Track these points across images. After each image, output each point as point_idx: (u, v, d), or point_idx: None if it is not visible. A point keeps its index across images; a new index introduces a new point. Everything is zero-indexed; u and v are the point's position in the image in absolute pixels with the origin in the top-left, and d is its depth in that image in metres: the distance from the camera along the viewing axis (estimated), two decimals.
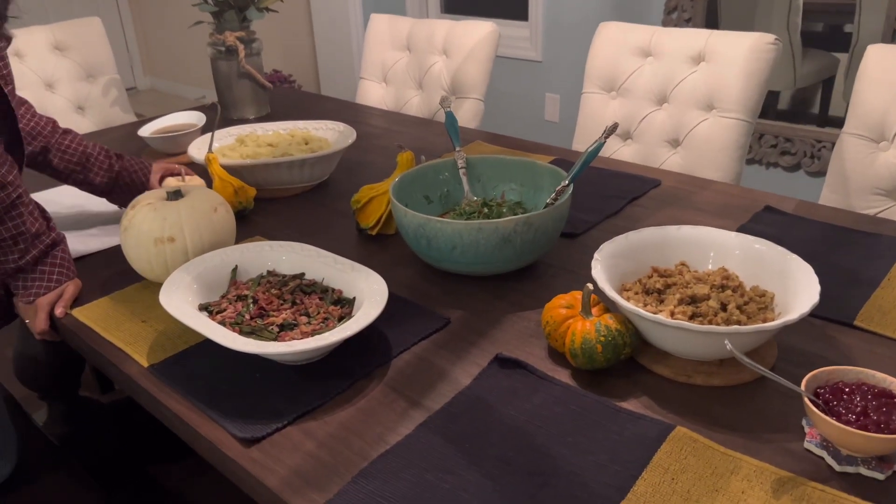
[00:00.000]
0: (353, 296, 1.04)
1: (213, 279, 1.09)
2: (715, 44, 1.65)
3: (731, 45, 1.63)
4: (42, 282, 1.15)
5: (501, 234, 1.07)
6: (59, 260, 1.17)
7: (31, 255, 1.14)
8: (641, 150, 1.78)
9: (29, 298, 1.15)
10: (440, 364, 0.97)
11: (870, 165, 1.46)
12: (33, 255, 1.14)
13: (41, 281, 1.15)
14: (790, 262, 0.96)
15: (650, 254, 1.05)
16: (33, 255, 1.14)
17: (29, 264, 1.14)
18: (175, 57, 5.33)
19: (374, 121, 2.05)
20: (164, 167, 1.48)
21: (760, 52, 1.59)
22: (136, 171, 1.43)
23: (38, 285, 1.15)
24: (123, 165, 1.41)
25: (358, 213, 1.32)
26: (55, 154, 1.35)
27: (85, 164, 1.37)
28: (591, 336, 0.89)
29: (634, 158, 1.80)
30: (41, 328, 1.14)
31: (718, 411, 0.86)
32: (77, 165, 1.37)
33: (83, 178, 1.38)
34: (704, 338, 0.85)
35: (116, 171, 1.40)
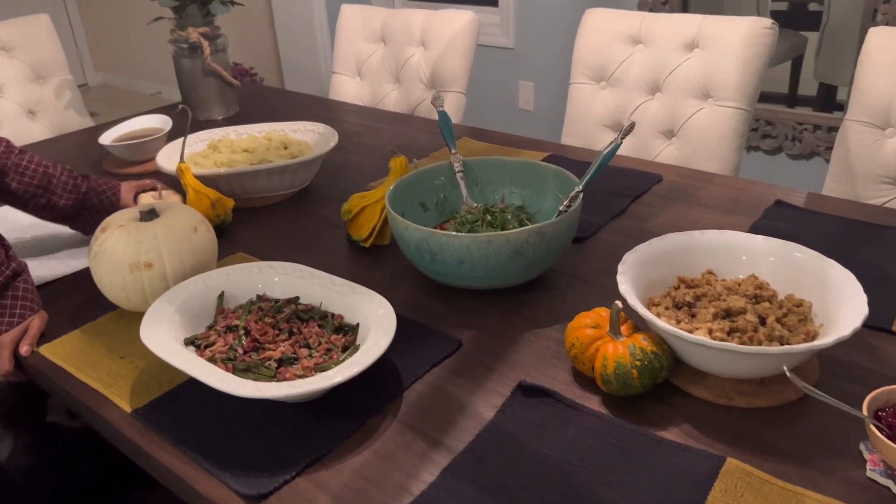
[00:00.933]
0: (357, 321, 0.95)
1: (197, 308, 0.99)
2: (709, 29, 1.58)
3: (726, 31, 1.56)
4: (3, 317, 1.03)
5: (513, 246, 0.99)
6: (22, 292, 1.06)
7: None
8: (634, 143, 1.71)
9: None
10: (457, 394, 0.89)
11: (876, 153, 1.41)
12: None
13: (2, 317, 1.03)
14: (828, 268, 0.90)
15: (674, 261, 0.97)
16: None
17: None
18: (128, 51, 5.10)
19: (350, 117, 1.95)
20: (136, 185, 1.36)
21: (757, 37, 1.53)
22: (105, 192, 1.30)
23: (0, 321, 1.03)
24: (91, 186, 1.29)
25: (349, 224, 1.23)
26: (13, 177, 1.21)
27: (47, 186, 1.24)
28: (626, 360, 0.82)
29: (627, 151, 1.73)
30: (5, 369, 1.03)
31: (768, 437, 0.79)
32: (38, 188, 1.23)
33: (46, 201, 1.24)
34: (752, 359, 0.79)
35: (83, 192, 1.27)
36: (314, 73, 3.83)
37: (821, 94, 2.88)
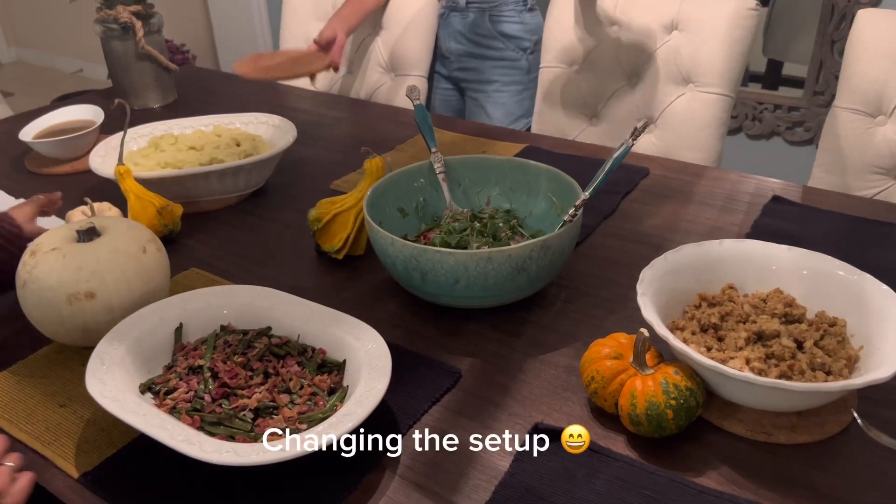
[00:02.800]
0: (343, 357, 0.83)
1: (152, 345, 0.85)
2: (689, 10, 1.49)
3: (709, 12, 1.47)
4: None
5: (515, 262, 0.88)
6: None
7: None
8: (610, 131, 1.62)
9: None
10: (464, 439, 0.77)
11: (867, 142, 1.35)
12: None
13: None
14: (861, 282, 0.82)
15: (692, 275, 0.88)
16: None
17: None
18: (45, 24, 4.72)
19: (303, 104, 1.79)
20: (33, 205, 1.06)
21: (741, 19, 1.45)
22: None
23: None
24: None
25: (319, 233, 1.09)
26: None
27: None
28: (659, 399, 0.72)
29: (602, 139, 1.63)
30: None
31: (815, 478, 0.71)
32: None
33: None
34: (804, 396, 0.70)
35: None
36: (252, 51, 3.60)
37: (770, 70, 2.85)
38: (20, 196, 1.34)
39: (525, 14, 1.78)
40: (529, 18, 1.79)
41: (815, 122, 2.44)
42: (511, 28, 1.77)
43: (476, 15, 1.78)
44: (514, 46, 1.79)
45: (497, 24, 1.77)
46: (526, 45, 1.79)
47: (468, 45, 1.81)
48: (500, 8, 1.76)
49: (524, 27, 1.78)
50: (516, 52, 1.79)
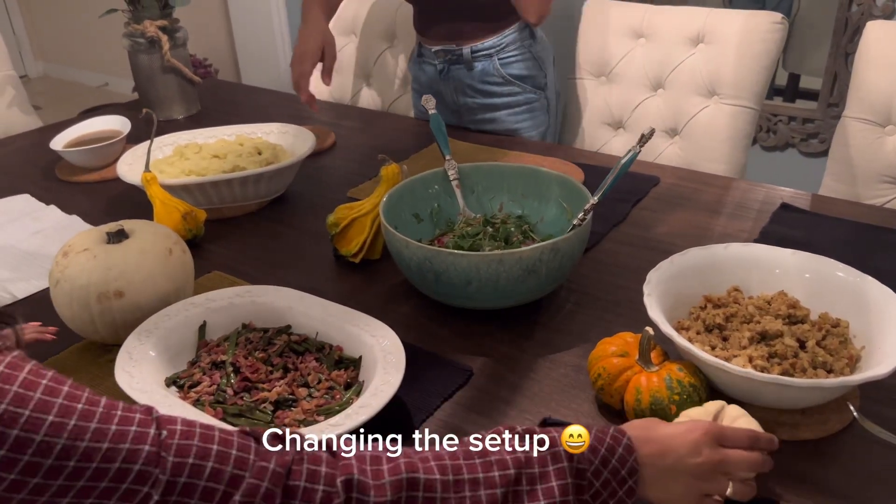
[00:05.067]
0: (359, 354, 0.86)
1: (177, 342, 0.88)
2: (715, 23, 1.52)
3: (733, 25, 1.49)
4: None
5: (525, 265, 0.91)
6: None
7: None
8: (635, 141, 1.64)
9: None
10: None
11: (876, 151, 1.37)
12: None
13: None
14: (863, 284, 0.85)
15: (697, 278, 0.91)
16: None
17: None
18: (71, 39, 4.84)
19: (322, 116, 1.83)
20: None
21: (766, 33, 1.47)
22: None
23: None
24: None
25: (337, 238, 1.13)
26: None
27: None
28: (663, 394, 0.75)
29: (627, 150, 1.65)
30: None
31: (818, 475, 0.73)
32: None
33: None
34: (804, 392, 0.72)
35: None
36: (272, 65, 3.68)
37: (790, 84, 2.87)
38: (50, 202, 1.39)
39: (535, 46, 1.58)
40: (539, 50, 1.59)
41: (829, 133, 2.44)
42: (524, 67, 1.57)
43: (483, 63, 1.56)
44: (530, 87, 1.59)
45: (508, 66, 1.56)
46: (542, 82, 1.60)
47: (480, 97, 1.60)
48: (508, 48, 1.55)
49: (536, 62, 1.58)
50: (535, 93, 1.60)
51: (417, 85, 1.72)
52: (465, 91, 1.62)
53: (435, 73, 1.62)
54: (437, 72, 1.62)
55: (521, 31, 1.56)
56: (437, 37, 1.58)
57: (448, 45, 1.57)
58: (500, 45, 1.55)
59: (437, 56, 1.60)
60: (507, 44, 1.55)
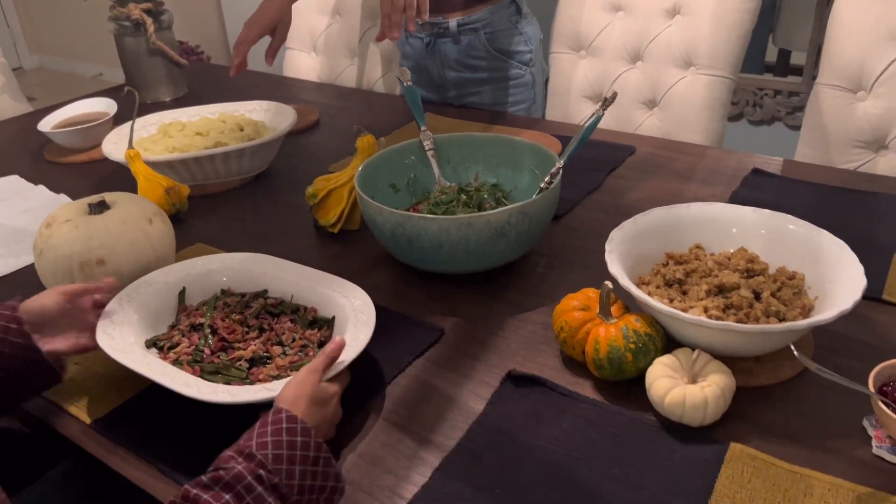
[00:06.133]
0: (332, 314, 0.89)
1: (157, 306, 0.92)
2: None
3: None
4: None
5: (494, 227, 0.94)
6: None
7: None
8: (615, 113, 1.66)
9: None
10: (443, 387, 0.84)
11: (848, 117, 1.39)
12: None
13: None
14: (819, 238, 0.87)
15: (661, 237, 0.94)
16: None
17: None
18: (64, 31, 4.86)
19: (307, 95, 1.86)
20: (57, 299, 0.84)
21: (740, 3, 1.48)
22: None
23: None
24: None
25: (315, 209, 1.16)
26: None
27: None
28: (619, 344, 0.78)
29: (608, 122, 1.67)
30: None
31: (769, 417, 0.76)
32: None
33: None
34: (753, 337, 0.75)
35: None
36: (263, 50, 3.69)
37: (780, 59, 2.88)
38: (39, 183, 1.42)
39: (522, 23, 1.59)
40: (527, 27, 1.60)
41: None
42: (510, 43, 1.58)
43: (469, 37, 1.57)
44: (516, 63, 1.60)
45: (494, 41, 1.57)
46: (528, 58, 1.61)
47: (466, 71, 1.62)
48: (494, 24, 1.56)
49: (523, 38, 1.59)
50: (520, 69, 1.61)
51: (404, 60, 1.74)
52: (450, 65, 1.63)
53: (421, 47, 1.64)
54: (423, 45, 1.64)
55: (508, 7, 1.57)
56: None
57: (435, 17, 1.58)
58: (486, 19, 1.56)
59: (423, 29, 1.61)
60: (492, 19, 1.56)
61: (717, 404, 0.73)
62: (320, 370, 0.74)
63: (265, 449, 0.64)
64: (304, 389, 0.71)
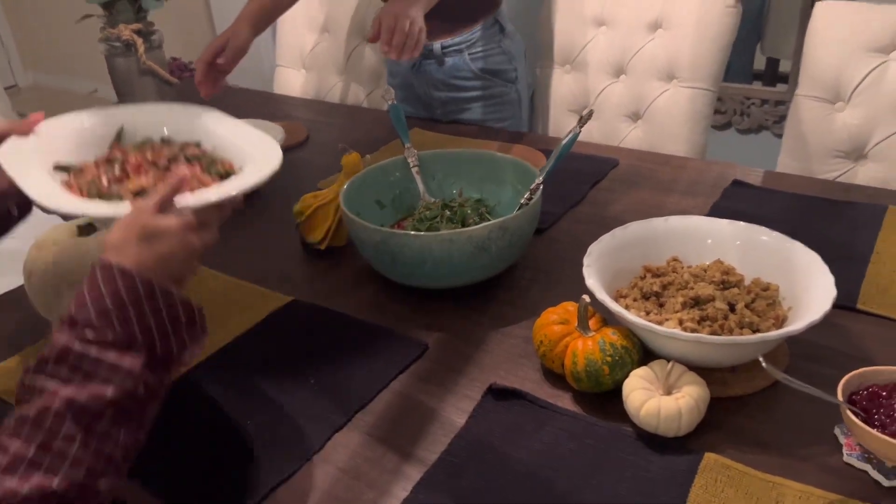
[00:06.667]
0: None
1: (94, 139, 0.87)
2: (671, 9, 1.56)
3: (689, 10, 1.53)
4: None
5: (475, 242, 0.96)
6: None
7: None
8: (600, 126, 1.69)
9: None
10: (426, 401, 0.85)
11: (828, 127, 1.41)
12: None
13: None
14: (792, 249, 0.89)
15: (639, 250, 0.96)
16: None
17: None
18: (59, 48, 4.89)
19: (297, 112, 1.88)
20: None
21: (720, 16, 1.51)
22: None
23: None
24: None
25: (302, 226, 1.18)
26: None
27: None
28: (596, 356, 0.80)
29: (593, 135, 1.70)
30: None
31: (743, 426, 0.78)
32: None
33: None
34: (725, 349, 0.77)
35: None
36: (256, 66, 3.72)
37: (769, 68, 2.91)
38: None
39: (506, 42, 1.61)
40: (509, 45, 1.62)
41: None
42: (494, 62, 1.60)
43: (454, 58, 1.59)
44: (500, 81, 1.62)
45: (478, 61, 1.59)
46: (512, 76, 1.63)
47: (451, 91, 1.64)
48: (478, 44, 1.58)
49: (506, 56, 1.61)
50: (505, 86, 1.63)
51: (391, 78, 1.77)
52: (436, 85, 1.65)
53: (408, 67, 1.67)
54: (409, 65, 1.66)
55: (490, 28, 1.59)
56: None
57: None
58: (469, 40, 1.58)
59: None
60: (476, 39, 1.58)
61: (692, 415, 0.75)
62: (153, 207, 0.67)
63: (85, 308, 0.60)
64: (131, 231, 0.65)
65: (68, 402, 0.56)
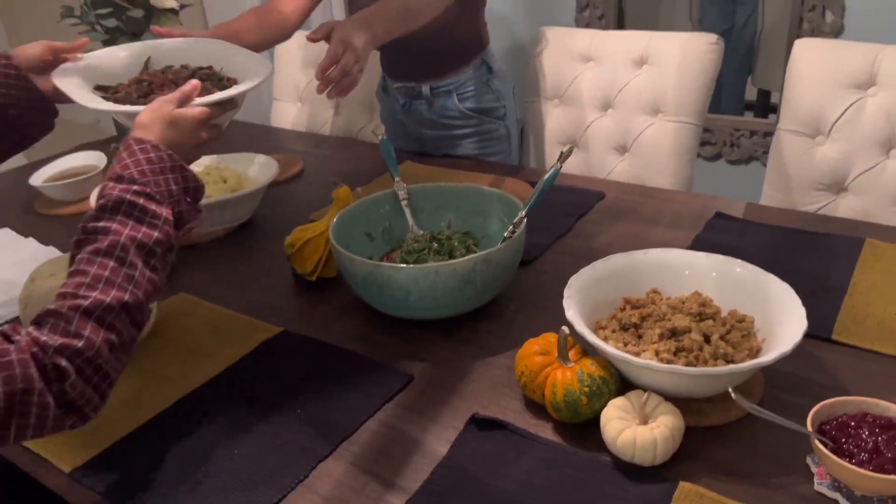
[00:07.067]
0: None
1: (128, 67, 1.12)
2: (657, 46, 1.60)
3: (673, 47, 1.58)
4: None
5: (460, 275, 0.98)
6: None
7: None
8: (588, 159, 1.73)
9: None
10: (410, 431, 0.87)
11: (809, 161, 1.45)
12: None
13: None
14: (767, 282, 0.92)
15: (619, 282, 0.98)
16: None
17: None
18: None
19: (292, 144, 1.92)
20: (39, 51, 1.02)
21: (703, 53, 1.56)
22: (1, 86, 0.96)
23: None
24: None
25: (293, 257, 1.20)
26: None
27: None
28: (574, 387, 0.82)
29: (581, 167, 1.74)
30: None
31: (718, 455, 0.80)
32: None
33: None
34: (698, 380, 0.79)
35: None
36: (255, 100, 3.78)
37: (760, 99, 2.97)
38: (29, 235, 1.47)
39: (494, 81, 1.64)
40: (498, 84, 1.65)
41: None
42: (482, 101, 1.64)
43: (443, 99, 1.63)
44: (489, 119, 1.66)
45: (466, 101, 1.63)
46: (501, 113, 1.66)
47: (441, 129, 1.68)
48: (466, 85, 1.62)
49: (494, 95, 1.64)
50: (494, 123, 1.66)
51: (384, 113, 1.81)
52: (426, 124, 1.70)
53: (399, 107, 1.71)
54: (400, 106, 1.71)
55: (478, 69, 1.63)
56: (399, 75, 1.67)
57: (409, 83, 1.65)
58: (458, 82, 1.62)
59: (399, 92, 1.69)
60: (464, 80, 1.62)
61: (667, 444, 0.76)
62: (174, 100, 0.87)
63: (128, 169, 0.76)
64: (157, 115, 0.84)
65: (131, 238, 0.73)
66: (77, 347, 0.66)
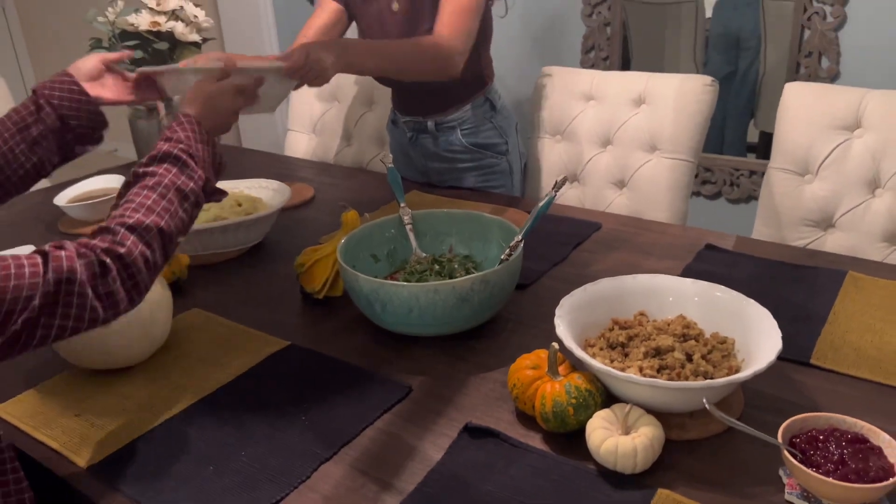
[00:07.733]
0: None
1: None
2: (654, 87, 1.68)
3: (670, 88, 1.66)
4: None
5: (458, 294, 1.04)
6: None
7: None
8: (588, 192, 1.80)
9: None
10: (407, 438, 0.92)
11: (798, 198, 1.51)
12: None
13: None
14: (747, 307, 0.97)
15: (609, 304, 1.04)
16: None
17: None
18: None
19: (304, 173, 2.00)
20: (93, 65, 1.16)
21: (698, 94, 1.63)
22: (64, 107, 1.09)
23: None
24: (42, 125, 1.07)
25: (302, 276, 1.27)
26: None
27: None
28: (562, 399, 0.87)
29: (581, 200, 1.81)
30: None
31: (696, 467, 0.85)
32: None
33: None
34: (677, 393, 0.85)
35: (49, 128, 1.07)
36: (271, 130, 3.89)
37: (762, 141, 3.04)
38: None
39: (497, 118, 1.72)
40: (500, 120, 1.72)
41: None
42: (486, 137, 1.71)
43: (447, 134, 1.71)
44: (492, 154, 1.73)
45: (470, 136, 1.70)
46: (503, 149, 1.74)
47: (446, 162, 1.75)
48: (470, 121, 1.69)
49: (497, 131, 1.72)
50: (496, 158, 1.74)
51: (392, 145, 1.89)
52: (431, 157, 1.77)
53: (406, 139, 1.79)
54: (407, 139, 1.79)
55: (481, 106, 1.71)
56: (406, 109, 1.76)
57: (416, 117, 1.74)
58: (461, 118, 1.70)
59: (406, 125, 1.78)
60: (467, 117, 1.70)
61: (647, 453, 0.81)
62: (214, 77, 1.03)
63: (176, 133, 0.93)
64: (199, 93, 1.00)
65: (172, 182, 0.88)
66: (119, 252, 0.79)
